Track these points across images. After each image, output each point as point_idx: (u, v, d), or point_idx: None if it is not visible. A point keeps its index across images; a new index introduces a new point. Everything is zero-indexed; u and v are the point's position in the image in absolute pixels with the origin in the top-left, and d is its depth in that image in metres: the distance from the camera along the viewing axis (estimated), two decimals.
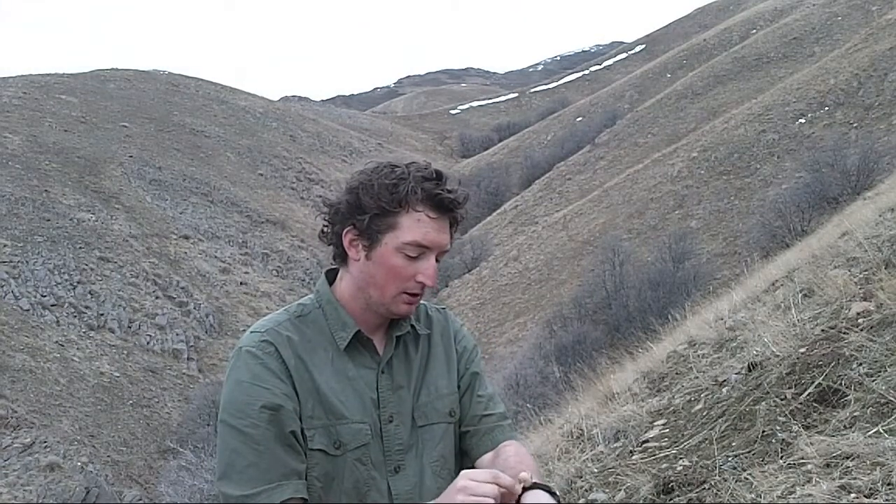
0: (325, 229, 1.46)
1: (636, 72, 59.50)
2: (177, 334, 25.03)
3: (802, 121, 25.77)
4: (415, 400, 1.48)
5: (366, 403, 1.41)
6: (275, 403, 1.32)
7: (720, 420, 2.72)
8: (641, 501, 2.52)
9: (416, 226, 1.38)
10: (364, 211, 1.38)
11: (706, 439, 2.66)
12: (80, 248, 26.66)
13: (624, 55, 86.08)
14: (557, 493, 1.35)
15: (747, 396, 2.70)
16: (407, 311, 1.44)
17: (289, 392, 1.35)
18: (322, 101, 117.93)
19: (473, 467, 1.52)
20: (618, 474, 2.90)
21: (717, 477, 2.30)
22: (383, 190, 1.37)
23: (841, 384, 2.34)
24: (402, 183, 1.37)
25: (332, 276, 1.51)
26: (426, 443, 1.48)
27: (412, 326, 1.53)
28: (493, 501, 1.26)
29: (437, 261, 1.44)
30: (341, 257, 1.46)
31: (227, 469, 1.32)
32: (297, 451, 1.34)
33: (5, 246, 24.68)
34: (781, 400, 2.48)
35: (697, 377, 3.57)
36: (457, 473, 1.37)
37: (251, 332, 1.42)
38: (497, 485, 1.26)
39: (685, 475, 2.42)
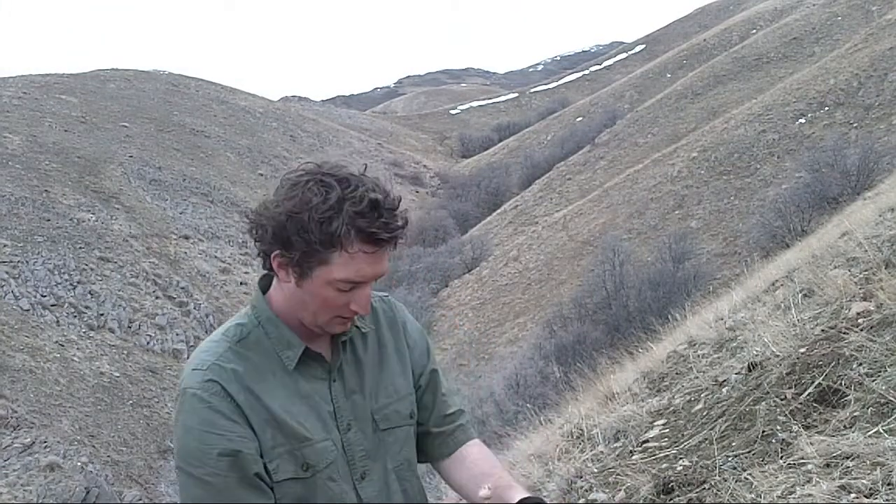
0: (254, 236, 1.35)
1: (636, 72, 59.50)
2: (177, 334, 25.03)
3: (802, 121, 25.77)
4: (373, 403, 1.44)
5: (324, 418, 1.37)
6: (232, 449, 1.27)
7: (720, 420, 2.72)
8: (641, 501, 2.52)
9: (349, 264, 1.28)
10: (292, 246, 1.28)
11: (706, 439, 2.66)
12: (80, 248, 26.66)
13: (624, 55, 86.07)
14: (546, 500, 1.36)
15: (747, 396, 2.70)
16: (342, 330, 1.39)
17: (244, 433, 1.29)
18: (322, 101, 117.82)
19: (438, 470, 1.54)
20: (618, 474, 2.90)
21: (717, 477, 2.30)
22: (314, 227, 1.25)
23: (841, 384, 2.34)
24: (335, 220, 1.25)
25: (265, 282, 1.43)
26: (390, 447, 1.46)
27: (356, 326, 1.46)
28: None
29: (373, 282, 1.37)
30: (270, 270, 1.37)
31: None
32: (263, 490, 1.30)
33: (5, 246, 24.68)
34: (781, 400, 2.48)
35: (697, 377, 3.57)
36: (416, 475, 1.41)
37: (193, 369, 1.33)
38: None
39: (685, 475, 2.42)
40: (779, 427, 2.34)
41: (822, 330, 2.88)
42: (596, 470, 3.13)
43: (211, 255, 31.51)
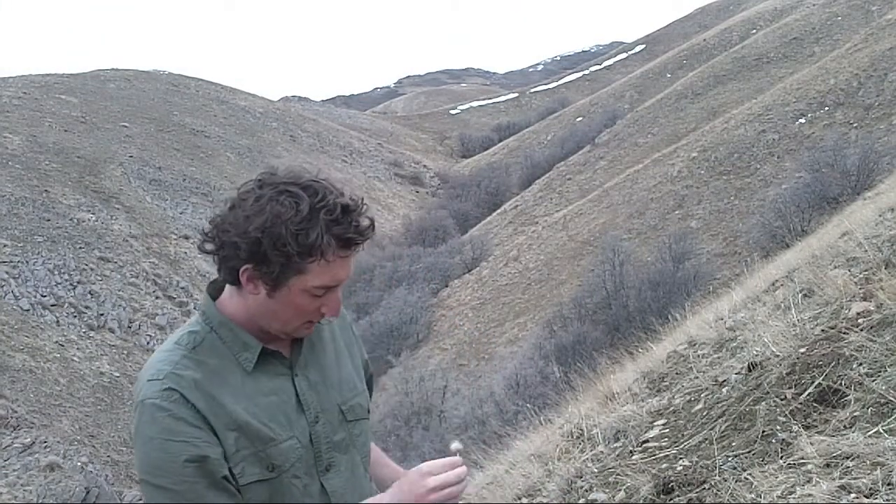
0: (209, 249, 1.35)
1: (636, 72, 59.49)
2: None
3: (802, 121, 25.77)
4: (338, 395, 1.45)
5: (289, 415, 1.37)
6: (198, 455, 1.26)
7: (720, 420, 2.72)
8: (641, 501, 2.52)
9: (325, 270, 1.30)
10: (270, 262, 1.27)
11: (706, 439, 2.66)
12: (80, 248, 26.66)
13: (624, 55, 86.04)
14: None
15: (747, 396, 2.70)
16: (307, 333, 1.40)
17: (208, 438, 1.28)
18: (322, 101, 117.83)
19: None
20: (618, 474, 2.90)
21: (717, 477, 2.30)
22: (290, 240, 1.26)
23: (841, 384, 2.34)
24: (312, 230, 1.26)
25: (214, 289, 1.43)
26: (356, 438, 1.47)
27: None
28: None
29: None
30: (234, 283, 1.36)
31: None
32: (232, 493, 1.29)
33: (5, 246, 24.69)
34: (781, 400, 2.48)
35: (697, 377, 3.57)
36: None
37: (148, 380, 1.31)
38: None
39: (685, 475, 2.42)
40: (779, 427, 2.34)
41: (822, 330, 2.88)
42: (596, 470, 3.13)
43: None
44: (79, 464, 16.92)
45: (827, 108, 25.49)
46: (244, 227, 1.28)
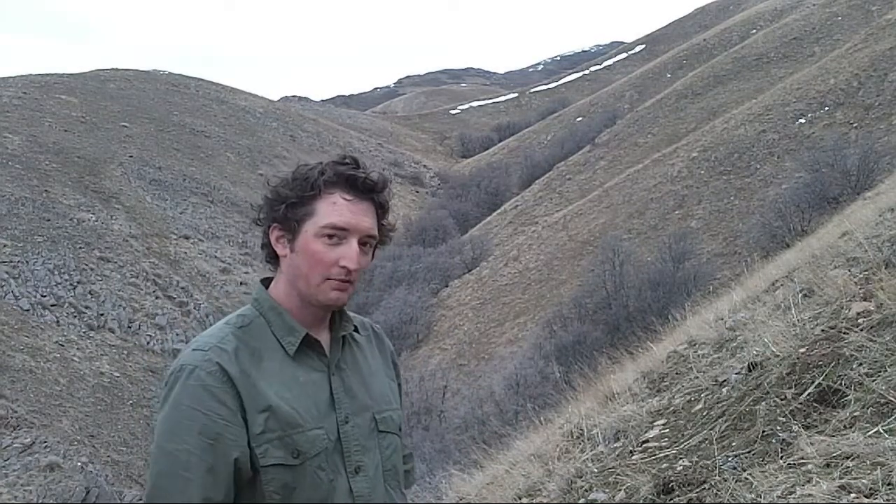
0: (257, 223, 1.48)
1: (636, 72, 59.48)
2: (177, 334, 25.03)
3: (802, 121, 25.76)
4: (374, 404, 1.48)
5: (320, 408, 1.39)
6: (215, 432, 1.29)
7: (720, 420, 2.72)
8: (641, 501, 2.52)
9: (332, 209, 1.39)
10: (282, 201, 1.40)
11: (706, 439, 2.66)
12: (80, 248, 26.66)
13: (624, 55, 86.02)
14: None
15: (747, 396, 2.70)
16: (337, 297, 1.42)
17: (231, 418, 1.30)
18: (322, 101, 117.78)
19: None
20: (618, 474, 2.90)
21: (717, 477, 2.30)
22: (298, 179, 1.40)
23: (841, 384, 2.34)
24: (315, 168, 1.41)
25: (266, 285, 1.50)
26: (384, 450, 1.48)
27: (354, 328, 1.52)
28: None
29: (365, 247, 1.43)
30: (273, 260, 1.46)
31: (151, 492, 1.29)
32: (226, 484, 1.30)
33: (5, 246, 24.68)
34: (781, 400, 2.48)
35: (697, 377, 3.57)
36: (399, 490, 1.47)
37: (193, 349, 1.36)
38: None
39: (685, 475, 2.42)
40: (779, 427, 2.34)
41: (822, 330, 2.88)
42: (596, 470, 3.13)
43: (211, 255, 31.52)
44: (79, 464, 16.92)
45: (827, 108, 25.49)
46: (270, 188, 1.44)
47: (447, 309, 28.58)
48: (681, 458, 2.66)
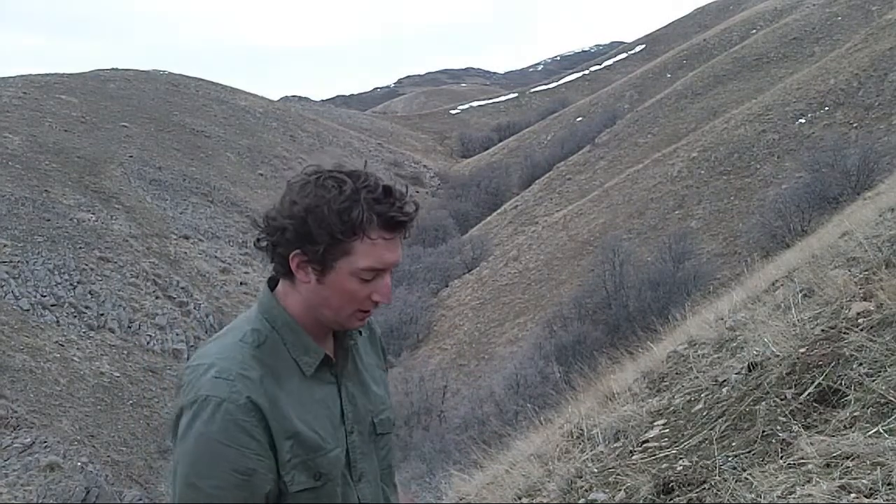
0: (263, 244, 1.37)
1: (636, 72, 59.47)
2: (177, 334, 25.03)
3: (802, 121, 25.76)
4: (372, 407, 1.48)
5: (335, 423, 1.39)
6: (248, 467, 1.26)
7: (720, 420, 2.72)
8: (641, 501, 2.52)
9: (371, 251, 1.32)
10: (315, 241, 1.30)
11: (706, 439, 2.66)
12: (80, 248, 26.65)
13: (624, 55, 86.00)
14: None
15: (747, 396, 2.70)
16: (361, 324, 1.41)
17: (262, 451, 1.28)
18: (322, 101, 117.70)
19: None
20: (618, 474, 2.90)
21: (717, 477, 2.30)
22: (334, 218, 1.28)
23: (841, 384, 2.34)
24: (354, 208, 1.29)
25: (271, 285, 1.43)
26: (380, 451, 1.49)
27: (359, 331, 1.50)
28: None
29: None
30: (286, 275, 1.37)
31: None
32: None
33: (5, 246, 24.68)
34: (781, 400, 2.48)
35: (697, 377, 3.56)
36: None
37: (215, 377, 1.28)
38: None
39: (685, 475, 2.42)
40: (779, 427, 2.34)
41: (822, 330, 2.88)
42: (596, 470, 3.13)
43: (211, 255, 31.51)
44: (79, 464, 16.92)
45: (827, 108, 25.49)
46: (290, 211, 1.31)
47: (447, 309, 28.58)
48: (681, 458, 2.66)
